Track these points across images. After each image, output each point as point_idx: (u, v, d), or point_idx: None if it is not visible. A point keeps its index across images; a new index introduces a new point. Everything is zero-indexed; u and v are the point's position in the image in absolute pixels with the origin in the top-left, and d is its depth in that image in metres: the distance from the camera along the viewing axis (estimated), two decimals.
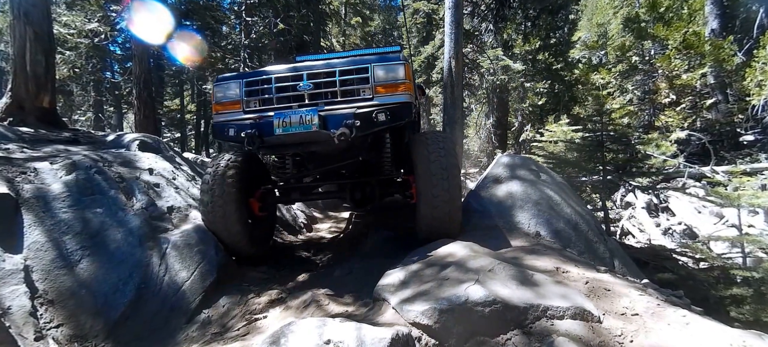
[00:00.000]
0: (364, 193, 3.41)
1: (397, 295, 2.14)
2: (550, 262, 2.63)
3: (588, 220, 3.40)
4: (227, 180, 2.96)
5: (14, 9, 5.56)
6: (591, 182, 5.70)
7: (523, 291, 2.10)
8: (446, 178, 2.72)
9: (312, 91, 2.71)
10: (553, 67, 10.44)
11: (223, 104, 2.87)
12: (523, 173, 3.61)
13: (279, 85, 2.76)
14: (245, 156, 3.18)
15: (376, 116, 2.60)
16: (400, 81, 2.68)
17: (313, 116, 2.56)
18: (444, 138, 2.99)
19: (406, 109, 2.68)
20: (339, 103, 2.69)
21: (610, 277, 2.62)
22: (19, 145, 3.78)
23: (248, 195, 3.21)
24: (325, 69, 2.74)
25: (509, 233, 3.08)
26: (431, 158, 2.76)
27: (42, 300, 2.31)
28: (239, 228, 2.99)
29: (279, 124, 2.60)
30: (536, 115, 10.65)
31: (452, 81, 6.63)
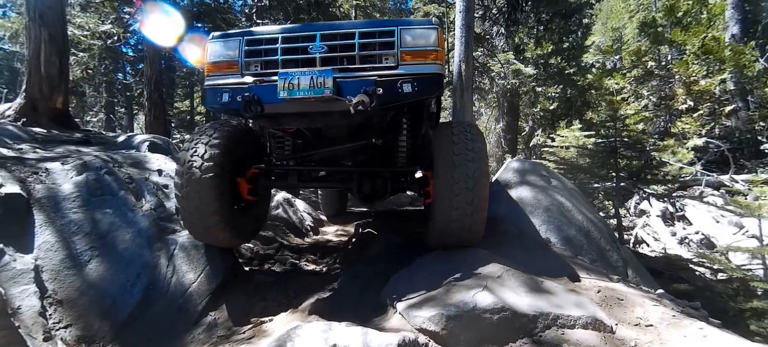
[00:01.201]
0: (374, 185, 2.92)
1: (404, 300, 2.13)
2: (561, 270, 2.60)
3: (600, 228, 3.35)
4: (208, 158, 2.52)
5: (30, 11, 5.73)
6: (604, 189, 5.62)
7: (532, 298, 2.07)
8: (472, 186, 2.33)
9: (326, 55, 2.32)
10: (566, 72, 10.35)
11: (218, 65, 2.49)
12: (533, 179, 3.58)
13: (287, 45, 2.37)
14: (235, 128, 2.78)
15: (401, 85, 2.25)
16: (432, 48, 2.32)
17: (327, 78, 2.19)
18: (474, 133, 2.54)
19: (435, 82, 2.35)
20: (357, 69, 2.31)
21: (623, 286, 2.58)
22: (32, 145, 3.88)
23: (236, 173, 2.83)
24: (344, 29, 2.38)
25: (519, 239, 3.05)
26: (455, 160, 2.37)
27: (51, 301, 2.35)
28: (218, 219, 2.57)
29: (284, 86, 2.21)
30: (548, 120, 10.56)
31: (462, 85, 6.62)
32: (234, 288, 2.79)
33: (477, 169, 2.37)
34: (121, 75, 16.23)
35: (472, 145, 2.45)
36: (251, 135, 3.00)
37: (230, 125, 2.78)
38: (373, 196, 2.96)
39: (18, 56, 18.21)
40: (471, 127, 2.61)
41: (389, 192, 2.94)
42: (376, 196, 2.96)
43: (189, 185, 2.50)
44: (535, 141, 10.65)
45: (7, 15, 12.45)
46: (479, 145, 2.47)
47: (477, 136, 2.53)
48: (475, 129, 2.61)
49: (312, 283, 3.07)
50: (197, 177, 2.48)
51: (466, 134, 2.51)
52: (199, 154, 2.53)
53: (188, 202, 2.52)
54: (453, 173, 2.35)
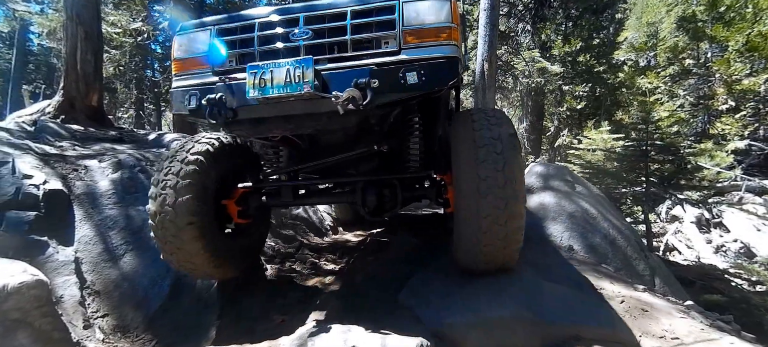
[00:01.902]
0: (381, 197, 2.49)
1: (421, 304, 2.18)
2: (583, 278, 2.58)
3: (627, 235, 3.29)
4: (185, 178, 2.16)
5: (67, 9, 6.07)
6: (633, 193, 5.46)
7: (552, 307, 2.08)
8: (502, 184, 1.89)
9: (311, 42, 1.90)
10: (595, 70, 10.05)
11: (185, 62, 2.10)
12: (557, 184, 3.54)
13: (264, 32, 1.96)
14: (217, 141, 2.43)
15: (403, 75, 1.80)
16: (443, 25, 1.84)
17: (306, 70, 1.77)
18: (499, 118, 2.11)
19: (449, 68, 1.84)
20: (350, 58, 1.88)
21: (649, 296, 2.54)
22: (71, 142, 4.16)
23: (223, 195, 2.48)
24: (332, 9, 1.94)
25: (540, 245, 3.04)
26: (480, 153, 1.94)
27: (90, 291, 2.54)
28: (202, 253, 2.24)
29: (254, 82, 1.81)
30: (574, 120, 10.30)
31: (484, 84, 6.57)
32: (256, 285, 2.92)
33: (508, 158, 1.93)
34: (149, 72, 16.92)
35: (498, 130, 2.02)
36: (239, 146, 2.62)
37: (211, 137, 2.45)
38: (381, 209, 2.53)
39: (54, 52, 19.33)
40: (495, 112, 2.18)
41: (399, 203, 2.50)
42: (384, 209, 2.53)
43: (163, 214, 2.14)
44: (561, 141, 10.42)
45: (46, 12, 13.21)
46: (506, 129, 2.04)
47: (503, 121, 2.10)
48: (499, 114, 2.18)
49: (331, 282, 3.17)
50: (172, 206, 2.12)
51: (489, 120, 2.09)
52: (172, 179, 2.17)
53: (164, 234, 2.18)
54: (478, 165, 1.93)
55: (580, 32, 10.41)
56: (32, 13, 11.98)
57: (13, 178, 2.90)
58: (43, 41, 19.84)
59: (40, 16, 11.59)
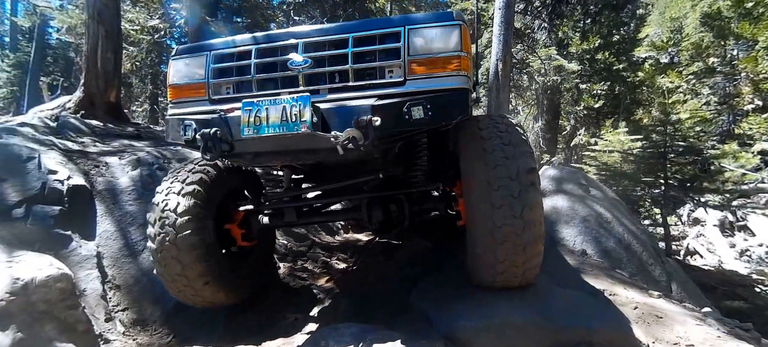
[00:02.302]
0: (388, 213, 2.42)
1: (432, 306, 2.22)
2: (596, 283, 2.58)
3: (642, 240, 3.26)
4: (183, 211, 2.11)
5: (89, 9, 6.27)
6: (651, 196, 5.38)
7: (564, 311, 2.09)
8: (518, 194, 1.79)
9: (310, 71, 1.82)
10: (615, 68, 9.88)
11: (181, 89, 2.02)
12: (569, 187, 3.52)
13: (261, 60, 1.89)
14: (216, 165, 2.38)
15: (408, 110, 1.70)
16: (453, 54, 1.74)
17: (302, 108, 1.69)
18: (508, 125, 2.04)
19: (458, 102, 1.76)
20: (351, 88, 1.81)
21: (664, 303, 2.52)
22: (92, 138, 4.31)
23: (225, 218, 2.45)
24: (332, 34, 1.86)
25: (552, 250, 3.03)
26: (490, 160, 1.85)
27: (111, 285, 2.66)
28: (207, 283, 2.19)
29: (249, 120, 1.74)
30: (592, 119, 10.15)
31: (498, 84, 6.54)
32: (272, 284, 3.00)
33: (521, 167, 1.83)
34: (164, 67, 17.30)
35: (509, 136, 1.94)
36: (238, 168, 2.55)
37: (207, 163, 2.35)
38: (388, 226, 2.47)
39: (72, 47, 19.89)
40: (502, 118, 2.12)
41: (407, 218, 2.42)
42: (391, 226, 2.47)
43: (164, 249, 2.11)
44: (577, 140, 10.27)
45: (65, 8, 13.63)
46: (517, 136, 1.98)
47: (510, 127, 2.03)
48: (505, 119, 2.12)
49: (343, 282, 3.23)
50: (172, 239, 2.09)
51: (496, 125, 2.01)
52: (172, 208, 2.13)
53: (167, 269, 2.15)
54: (489, 176, 1.84)
55: (599, 29, 10.24)
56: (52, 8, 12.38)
57: (39, 173, 3.04)
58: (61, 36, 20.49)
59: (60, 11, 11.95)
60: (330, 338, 1.79)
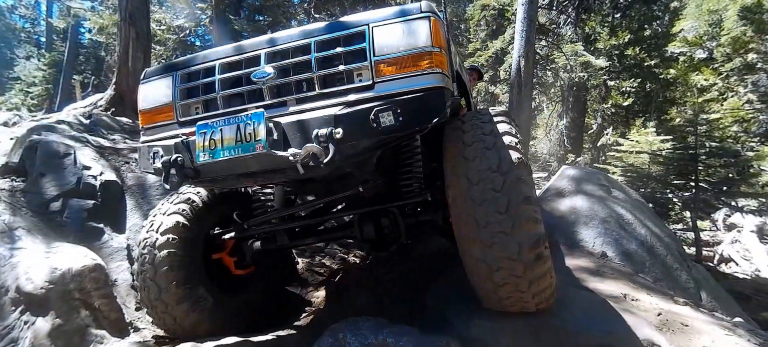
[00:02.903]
0: (380, 229, 2.23)
1: (450, 306, 2.25)
2: (616, 287, 2.54)
3: (667, 244, 3.17)
4: (164, 243, 2.10)
5: (121, 12, 6.61)
6: (681, 198, 5.19)
7: (580, 316, 2.08)
8: (501, 187, 1.62)
9: (275, 82, 1.71)
10: (646, 64, 9.56)
11: (151, 113, 1.92)
12: (590, 188, 3.46)
13: (225, 75, 1.79)
14: (199, 194, 2.33)
15: (376, 117, 1.54)
16: (422, 50, 1.59)
17: (257, 126, 1.56)
18: (492, 116, 1.89)
19: (434, 102, 1.58)
20: (317, 97, 1.68)
21: (690, 310, 2.46)
22: (122, 135, 4.55)
23: (213, 248, 2.39)
24: (295, 41, 1.73)
25: (570, 251, 3.01)
26: (468, 153, 1.71)
27: None
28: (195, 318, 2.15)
29: (204, 144, 1.64)
30: (620, 117, 9.85)
31: (520, 81, 6.45)
32: (291, 278, 3.11)
33: (505, 159, 1.67)
34: None
35: (491, 128, 1.78)
36: (233, 193, 2.50)
37: (189, 192, 2.34)
38: (383, 243, 2.28)
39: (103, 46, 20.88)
40: (486, 115, 1.90)
41: (403, 233, 2.20)
42: (386, 242, 2.27)
43: (146, 280, 2.11)
44: (604, 140, 9.99)
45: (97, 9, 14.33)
46: (502, 127, 1.79)
47: (494, 127, 1.80)
48: (489, 116, 1.89)
49: (359, 279, 3.30)
50: (152, 271, 2.08)
51: (479, 119, 1.85)
52: (152, 241, 2.11)
53: (151, 301, 2.14)
54: (470, 189, 1.67)
55: (629, 23, 9.92)
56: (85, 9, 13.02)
57: (75, 169, 3.25)
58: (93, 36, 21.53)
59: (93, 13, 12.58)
60: (347, 331, 1.85)
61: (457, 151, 1.77)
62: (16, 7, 24.57)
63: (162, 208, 2.26)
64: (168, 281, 2.09)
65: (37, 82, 20.99)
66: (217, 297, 2.28)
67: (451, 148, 1.82)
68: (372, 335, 1.81)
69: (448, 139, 1.87)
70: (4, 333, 2.05)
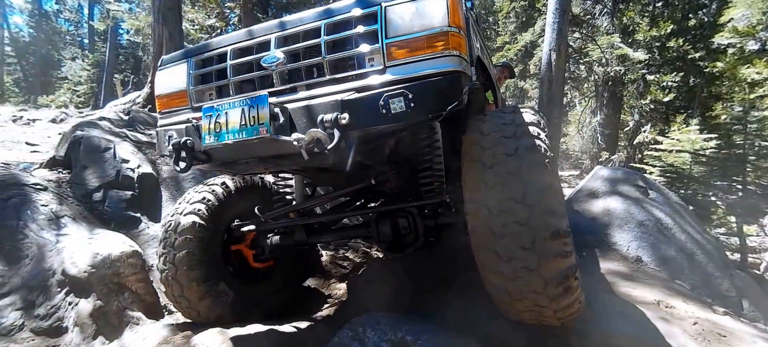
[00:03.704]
0: (397, 230, 2.15)
1: (472, 303, 2.25)
2: (650, 293, 2.45)
3: (708, 250, 3.01)
4: (182, 236, 2.16)
5: (155, 13, 6.94)
6: (726, 201, 4.89)
7: (610, 318, 2.03)
8: (518, 170, 1.50)
9: (285, 67, 1.68)
10: (690, 56, 9.01)
11: (167, 99, 1.97)
12: (625, 189, 3.33)
13: (237, 60, 1.78)
14: (224, 186, 2.40)
15: (386, 103, 1.47)
16: (438, 31, 1.48)
17: (261, 110, 1.54)
18: (516, 108, 1.75)
19: (448, 87, 1.47)
20: (327, 82, 1.63)
21: (729, 321, 2.34)
22: None
23: (234, 240, 2.45)
24: (304, 25, 1.68)
25: (603, 255, 2.91)
26: (491, 200, 1.52)
27: None
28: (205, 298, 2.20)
29: (209, 127, 1.65)
30: (659, 114, 9.35)
31: (551, 76, 6.27)
32: (316, 270, 3.19)
33: (523, 145, 1.54)
34: None
35: (512, 118, 1.66)
36: (248, 187, 2.55)
37: (213, 185, 2.41)
38: (400, 244, 2.19)
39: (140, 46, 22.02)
40: (511, 114, 1.73)
41: (421, 235, 2.13)
42: (404, 243, 2.18)
43: (168, 278, 2.19)
44: (642, 138, 9.52)
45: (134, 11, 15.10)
46: (528, 139, 1.58)
47: (521, 126, 1.64)
48: (517, 115, 1.72)
49: (382, 273, 3.34)
50: (173, 270, 2.16)
51: (502, 112, 1.71)
52: (171, 242, 2.18)
53: (175, 297, 2.23)
54: (487, 195, 1.53)
55: (671, 13, 9.40)
56: (123, 11, 13.73)
57: (115, 162, 3.47)
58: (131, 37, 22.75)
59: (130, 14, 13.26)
60: (367, 325, 1.89)
61: (476, 171, 1.59)
62: (61, 11, 26.34)
63: (179, 207, 2.31)
64: (189, 280, 2.15)
65: (82, 81, 22.42)
66: (237, 290, 2.35)
67: (468, 159, 1.65)
68: (391, 330, 1.83)
69: (465, 150, 1.71)
70: (52, 312, 2.23)
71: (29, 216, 2.65)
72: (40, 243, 2.53)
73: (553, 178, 1.52)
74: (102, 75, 21.25)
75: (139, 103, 7.01)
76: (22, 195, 2.77)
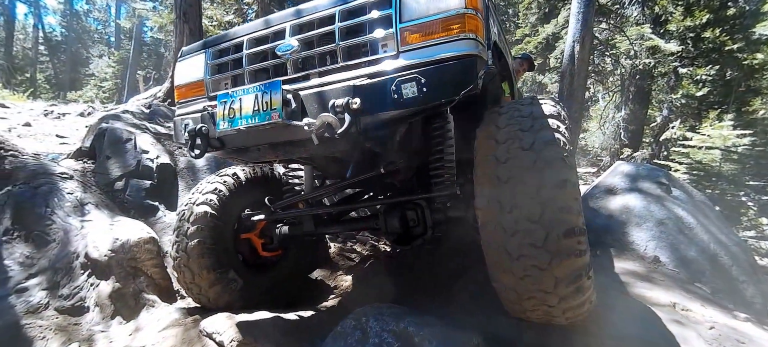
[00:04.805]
0: (405, 222, 2.13)
1: (477, 300, 2.26)
2: (666, 295, 2.39)
3: (734, 252, 2.90)
4: (198, 226, 2.25)
5: (177, 9, 7.18)
6: (759, 202, 4.66)
7: (618, 319, 2.00)
8: (533, 165, 1.46)
9: (299, 55, 1.70)
10: (727, 48, 8.57)
11: (185, 89, 2.03)
12: (646, 185, 3.24)
13: (252, 50, 1.81)
14: (235, 176, 2.50)
15: (398, 88, 1.47)
16: (453, 14, 1.46)
17: (273, 96, 1.59)
18: (536, 118, 1.61)
19: (463, 72, 1.45)
20: (341, 69, 1.63)
21: (751, 327, 2.26)
22: None
23: (244, 228, 2.52)
24: (319, 12, 1.69)
25: (618, 254, 2.85)
26: (503, 196, 1.49)
27: None
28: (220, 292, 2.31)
29: (224, 113, 1.71)
30: (691, 109, 8.94)
31: (573, 69, 6.10)
32: (319, 262, 3.27)
33: (540, 139, 1.49)
34: None
35: (530, 110, 1.61)
36: (259, 177, 2.64)
37: (225, 175, 2.51)
38: (408, 237, 2.17)
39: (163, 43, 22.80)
40: (529, 105, 1.67)
41: (430, 229, 2.11)
42: (412, 236, 2.16)
43: (180, 266, 2.29)
44: (669, 134, 9.14)
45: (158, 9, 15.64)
46: (547, 133, 1.52)
47: (539, 119, 1.58)
48: (536, 107, 1.66)
49: (389, 266, 3.39)
50: (186, 258, 2.25)
51: (520, 103, 1.68)
52: (184, 231, 2.27)
53: (187, 283, 2.33)
54: (500, 190, 1.50)
55: (708, 1, 8.93)
56: (148, 10, 14.25)
57: (135, 153, 3.65)
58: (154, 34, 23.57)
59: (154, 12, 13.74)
60: (370, 316, 1.92)
61: (489, 164, 1.55)
62: (91, 10, 27.62)
63: (192, 197, 2.39)
64: (200, 267, 2.25)
65: (108, 77, 23.42)
66: (246, 278, 2.45)
67: (482, 156, 1.61)
68: (394, 322, 1.86)
69: (479, 142, 1.67)
70: (75, 292, 2.38)
71: (56, 203, 2.82)
72: (66, 228, 2.70)
73: (570, 173, 1.47)
74: (126, 71, 22.13)
75: (159, 97, 7.29)
76: (51, 183, 2.95)
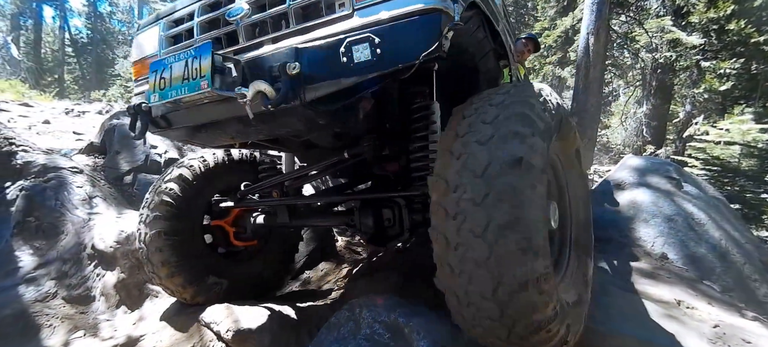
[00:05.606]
0: (380, 221, 1.97)
1: None
2: (670, 293, 2.35)
3: (747, 251, 2.82)
4: (154, 210, 2.16)
5: None
6: None
7: (617, 318, 1.98)
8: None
9: (250, 20, 1.48)
10: (753, 40, 8.25)
11: (140, 66, 1.84)
12: (655, 180, 3.16)
13: (204, 16, 1.61)
14: (205, 161, 2.36)
15: (348, 50, 1.27)
16: None
17: (202, 61, 1.38)
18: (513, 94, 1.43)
19: (424, 30, 1.23)
20: (294, 33, 1.41)
21: (758, 327, 2.20)
22: None
23: (215, 215, 2.40)
24: None
25: (624, 250, 2.81)
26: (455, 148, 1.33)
27: None
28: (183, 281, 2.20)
29: (155, 83, 1.52)
30: (715, 104, 8.65)
31: (588, 61, 5.99)
32: (325, 255, 3.32)
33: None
34: None
35: (497, 111, 1.35)
36: (240, 162, 2.49)
37: (198, 156, 2.38)
38: (383, 236, 1.99)
39: None
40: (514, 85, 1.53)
41: (406, 230, 1.91)
42: (386, 236, 1.99)
43: (140, 249, 2.19)
44: (693, 130, 8.88)
45: None
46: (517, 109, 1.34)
47: (519, 94, 1.41)
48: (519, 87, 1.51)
49: (394, 260, 3.41)
50: (143, 240, 2.16)
51: (495, 94, 1.46)
52: (148, 205, 2.18)
53: (147, 269, 2.25)
54: (452, 146, 1.34)
55: None
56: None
57: (144, 147, 3.77)
58: None
59: None
60: (364, 307, 1.96)
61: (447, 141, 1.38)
62: (114, 12, 28.57)
63: (156, 185, 2.29)
64: (176, 285, 2.18)
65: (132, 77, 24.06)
66: (231, 275, 2.39)
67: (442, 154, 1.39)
68: (385, 313, 1.90)
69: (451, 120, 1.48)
70: (82, 282, 2.50)
71: (66, 197, 2.95)
72: (75, 220, 2.82)
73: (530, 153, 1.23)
74: None
75: None
76: (61, 177, 3.08)
